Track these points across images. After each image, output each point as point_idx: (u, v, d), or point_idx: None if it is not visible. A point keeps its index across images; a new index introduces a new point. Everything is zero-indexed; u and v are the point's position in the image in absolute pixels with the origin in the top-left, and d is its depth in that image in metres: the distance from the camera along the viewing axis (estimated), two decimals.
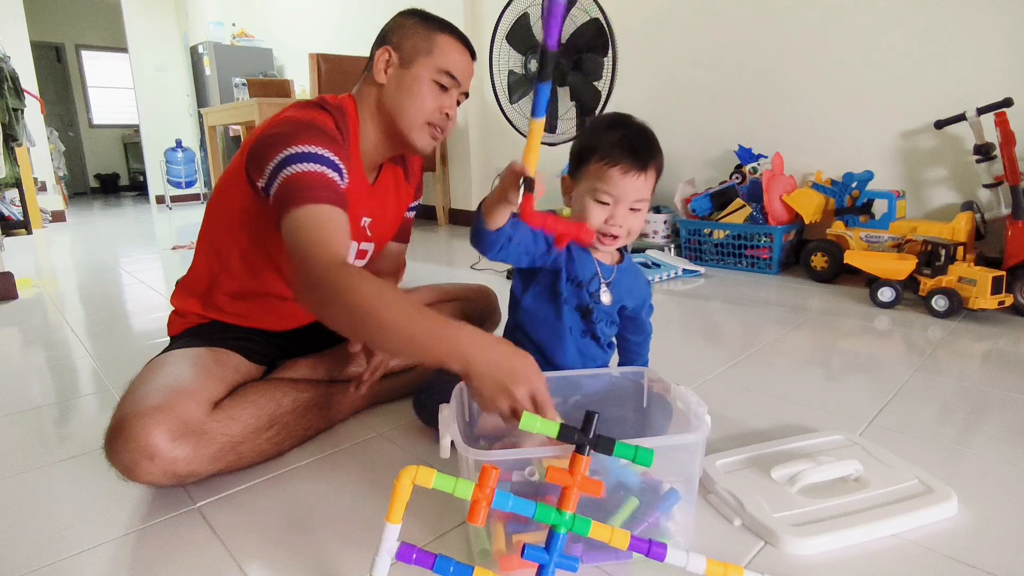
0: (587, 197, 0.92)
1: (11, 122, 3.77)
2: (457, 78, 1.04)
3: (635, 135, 0.91)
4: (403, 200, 1.22)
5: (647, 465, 0.63)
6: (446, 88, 1.04)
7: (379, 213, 1.14)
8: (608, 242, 0.93)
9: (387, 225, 1.19)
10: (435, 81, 1.03)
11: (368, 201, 1.10)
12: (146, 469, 0.81)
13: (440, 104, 1.04)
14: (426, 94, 1.03)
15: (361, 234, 1.10)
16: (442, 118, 1.06)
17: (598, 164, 0.90)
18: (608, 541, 0.62)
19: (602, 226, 0.92)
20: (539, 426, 0.64)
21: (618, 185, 0.89)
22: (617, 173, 0.89)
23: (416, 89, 1.03)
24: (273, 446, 0.98)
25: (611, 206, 0.91)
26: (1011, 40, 1.93)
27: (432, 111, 1.04)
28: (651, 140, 0.93)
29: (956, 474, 0.90)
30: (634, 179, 0.89)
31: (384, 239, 1.20)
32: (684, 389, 0.81)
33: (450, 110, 1.06)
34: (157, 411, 0.82)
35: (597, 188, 0.90)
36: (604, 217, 0.91)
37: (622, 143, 0.90)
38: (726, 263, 2.43)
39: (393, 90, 1.04)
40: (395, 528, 0.61)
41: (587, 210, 0.92)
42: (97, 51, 8.15)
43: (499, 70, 2.14)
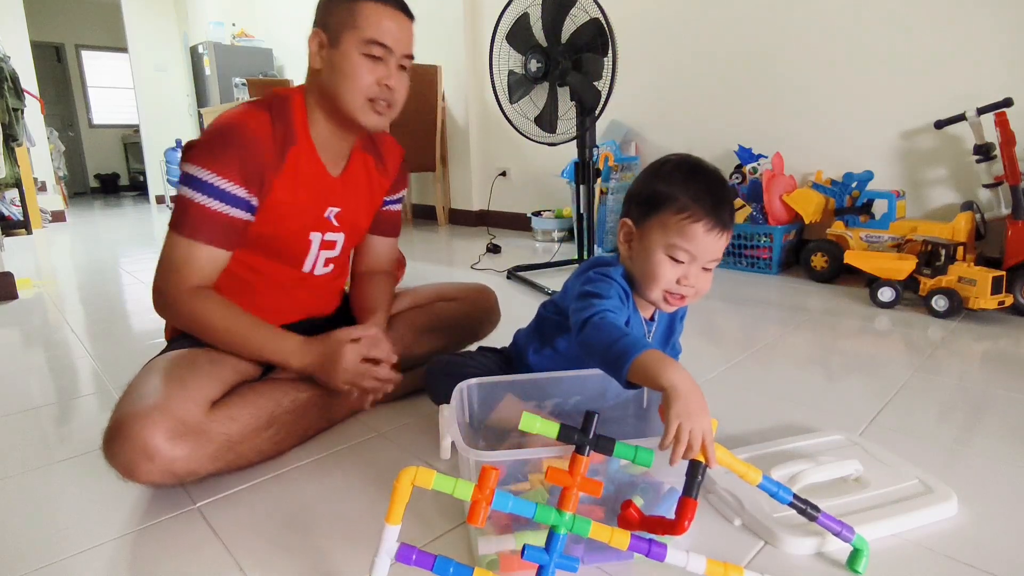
0: (659, 251, 0.83)
1: (11, 122, 3.77)
2: (388, 45, 0.97)
3: (719, 188, 0.83)
4: (377, 190, 1.17)
5: (647, 465, 0.64)
6: (379, 58, 0.97)
7: (349, 203, 1.10)
8: (675, 302, 0.85)
9: (360, 215, 1.15)
10: (365, 55, 0.96)
11: (332, 192, 1.07)
12: (145, 469, 0.81)
13: (376, 77, 0.97)
14: (358, 70, 0.97)
15: (325, 224, 1.08)
16: (383, 91, 0.99)
17: (678, 217, 0.81)
18: (608, 541, 0.62)
19: (672, 286, 0.84)
20: (539, 426, 0.64)
21: (700, 244, 0.81)
22: (701, 230, 0.81)
23: (347, 67, 0.97)
24: (273, 446, 0.98)
25: (686, 264, 0.83)
26: (1011, 40, 1.93)
27: (369, 87, 0.97)
28: (731, 194, 0.87)
29: (956, 474, 0.90)
30: (717, 238, 0.82)
31: (358, 229, 1.17)
32: None
33: (389, 81, 0.98)
34: (155, 411, 0.82)
35: (675, 244, 0.82)
36: (677, 276, 0.83)
37: (707, 197, 0.81)
38: (726, 263, 2.43)
39: (328, 73, 0.99)
40: (395, 529, 0.61)
41: (658, 265, 0.83)
42: (97, 51, 8.15)
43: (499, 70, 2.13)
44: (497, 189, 3.70)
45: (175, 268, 0.95)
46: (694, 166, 0.86)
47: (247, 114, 0.96)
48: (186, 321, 0.97)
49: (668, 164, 0.88)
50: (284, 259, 1.07)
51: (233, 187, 0.93)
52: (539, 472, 0.75)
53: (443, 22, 3.65)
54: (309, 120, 1.02)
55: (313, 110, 1.02)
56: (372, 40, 0.96)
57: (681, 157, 0.88)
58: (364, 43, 0.96)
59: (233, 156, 0.92)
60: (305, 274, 1.11)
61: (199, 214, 0.93)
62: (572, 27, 1.98)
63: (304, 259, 1.09)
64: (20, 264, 2.91)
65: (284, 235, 1.03)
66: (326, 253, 1.11)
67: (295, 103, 1.02)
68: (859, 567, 0.70)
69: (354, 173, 1.11)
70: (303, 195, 1.02)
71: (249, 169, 0.94)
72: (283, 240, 1.04)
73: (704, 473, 0.64)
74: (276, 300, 1.10)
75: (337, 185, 1.07)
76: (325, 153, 1.05)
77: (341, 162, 1.09)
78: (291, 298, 1.12)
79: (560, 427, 0.64)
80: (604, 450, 0.63)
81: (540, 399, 0.92)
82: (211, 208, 0.93)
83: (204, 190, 0.92)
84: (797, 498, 0.69)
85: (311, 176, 1.02)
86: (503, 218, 3.66)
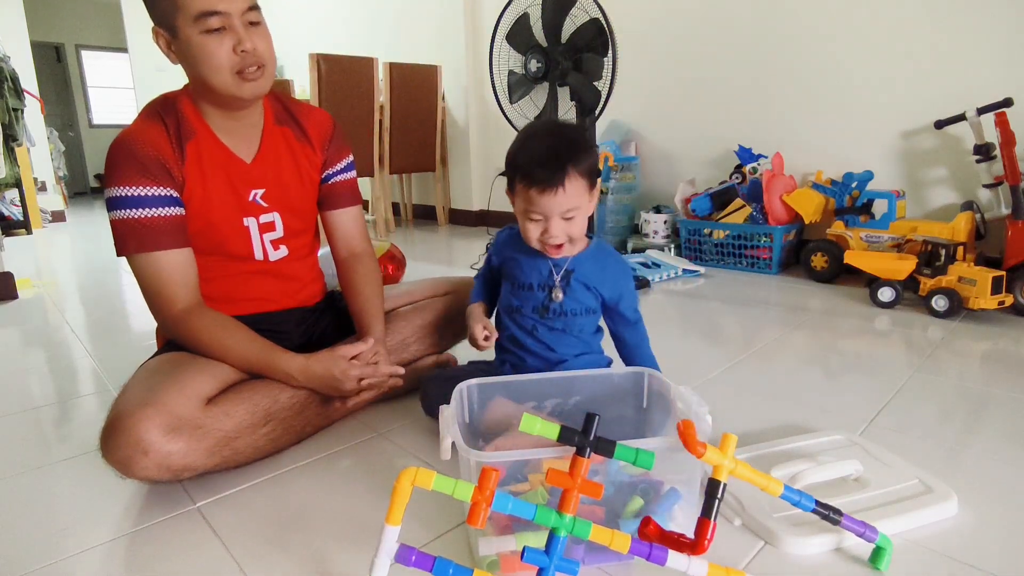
0: (521, 217, 0.96)
1: (11, 122, 3.77)
2: (220, 10, 0.90)
3: (546, 147, 0.91)
4: (304, 163, 1.11)
5: (648, 468, 0.63)
6: (221, 28, 0.91)
7: (271, 182, 1.07)
8: (554, 252, 0.96)
9: (290, 191, 1.10)
10: (204, 32, 0.91)
11: (248, 175, 1.04)
12: (141, 464, 0.81)
13: (228, 48, 0.92)
14: (206, 51, 0.91)
15: (254, 208, 1.05)
16: (244, 57, 0.93)
17: (520, 185, 0.93)
18: (609, 544, 0.62)
19: (542, 239, 0.95)
20: (539, 428, 0.64)
21: (540, 204, 0.91)
22: (535, 193, 0.90)
23: (195, 53, 0.92)
24: (269, 442, 0.98)
25: (543, 222, 0.93)
26: (1011, 40, 1.93)
27: (225, 61, 0.92)
28: (563, 148, 0.90)
29: (956, 474, 0.90)
30: (552, 195, 0.90)
31: (295, 204, 1.11)
32: (685, 389, 0.81)
33: (244, 45, 0.92)
34: (149, 407, 0.83)
35: (526, 209, 0.94)
36: (539, 232, 0.94)
37: (532, 161, 0.90)
38: (726, 263, 2.43)
39: (186, 66, 0.96)
40: (394, 530, 0.61)
41: (524, 228, 0.96)
42: (97, 51, 8.14)
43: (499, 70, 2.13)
44: (497, 189, 3.70)
45: (155, 292, 0.97)
46: (528, 132, 0.96)
47: (135, 125, 0.97)
48: (191, 345, 0.99)
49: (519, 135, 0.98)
50: (233, 252, 1.05)
51: (148, 190, 0.93)
52: (539, 472, 0.75)
53: (443, 22, 3.64)
54: (202, 112, 1.01)
55: (200, 103, 1.00)
56: (201, 13, 0.89)
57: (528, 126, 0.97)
58: (195, 20, 0.90)
59: (132, 165, 0.93)
60: (260, 262, 1.09)
61: (133, 227, 0.93)
62: (572, 27, 1.98)
63: (250, 247, 1.07)
64: (20, 264, 2.91)
65: (216, 225, 1.02)
66: (268, 235, 1.08)
67: (182, 101, 1.01)
68: (882, 565, 0.70)
69: (271, 151, 1.08)
70: (213, 182, 1.01)
71: (152, 170, 0.94)
72: (218, 230, 1.02)
73: (723, 493, 0.64)
74: (246, 292, 1.09)
75: (253, 169, 1.05)
76: (230, 138, 1.03)
77: (253, 143, 1.06)
78: (260, 287, 1.10)
79: (560, 429, 0.64)
80: (604, 452, 0.63)
81: (539, 399, 0.93)
82: (140, 217, 0.93)
83: (127, 205, 0.93)
84: (820, 504, 0.69)
85: (219, 164, 1.01)
86: (503, 218, 3.66)
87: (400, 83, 3.42)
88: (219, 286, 1.06)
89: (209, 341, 0.97)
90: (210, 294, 1.03)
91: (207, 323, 0.98)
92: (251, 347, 0.99)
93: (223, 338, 0.98)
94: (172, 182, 0.96)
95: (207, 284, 1.03)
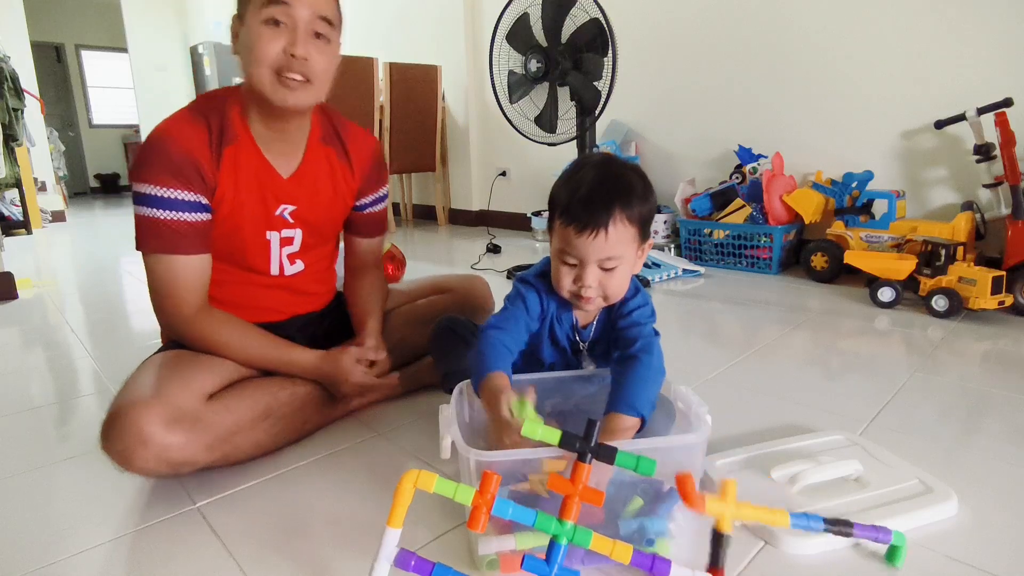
0: (556, 256, 0.84)
1: (11, 122, 3.77)
2: (288, 2, 0.87)
3: (594, 187, 0.79)
4: (342, 186, 1.09)
5: (649, 475, 0.62)
6: (279, 23, 0.88)
7: (304, 201, 1.04)
8: (583, 304, 0.84)
9: (320, 210, 1.07)
10: (265, 21, 0.87)
11: (282, 190, 1.02)
12: (141, 456, 0.81)
13: (279, 45, 0.88)
14: (258, 40, 0.88)
15: (279, 222, 1.03)
16: (288, 60, 0.89)
17: (559, 222, 0.81)
18: (609, 555, 0.61)
19: (572, 287, 0.83)
20: (540, 433, 0.63)
21: (576, 246, 0.79)
22: (572, 233, 0.79)
23: (250, 41, 0.89)
24: (270, 439, 0.98)
25: (577, 268, 0.81)
26: (1011, 40, 1.93)
27: (272, 57, 0.88)
28: (616, 188, 0.79)
29: (956, 474, 0.90)
30: (590, 239, 0.78)
31: (320, 225, 1.09)
32: (685, 389, 0.81)
33: (295, 49, 0.88)
34: (151, 399, 0.83)
35: (561, 248, 0.82)
36: (572, 278, 0.83)
37: (575, 196, 0.79)
38: (726, 263, 2.43)
39: (241, 55, 0.92)
40: (396, 532, 0.61)
41: (557, 271, 0.84)
42: (97, 51, 8.15)
43: (499, 70, 2.13)
44: (497, 189, 3.70)
45: (166, 292, 0.95)
46: (578, 166, 0.84)
47: (177, 121, 0.94)
48: (199, 345, 0.98)
49: (569, 165, 0.86)
50: (249, 263, 1.04)
51: (177, 193, 0.91)
52: (539, 473, 0.75)
53: (443, 22, 3.64)
54: (248, 118, 0.97)
55: (248, 105, 0.97)
56: (270, 1, 0.87)
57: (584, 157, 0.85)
58: (262, 7, 0.87)
59: (166, 165, 0.90)
60: (276, 276, 1.07)
61: (158, 228, 0.92)
62: (572, 27, 1.98)
63: (268, 260, 1.05)
64: (20, 264, 2.91)
65: (239, 234, 1.00)
66: (287, 250, 1.07)
67: (231, 101, 0.97)
68: (898, 562, 0.70)
69: (311, 169, 1.05)
70: (246, 193, 0.98)
71: (185, 172, 0.91)
72: (239, 239, 1.01)
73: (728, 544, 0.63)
74: (255, 302, 1.08)
75: (289, 184, 1.02)
76: (271, 150, 1.00)
77: (294, 158, 1.03)
78: (270, 299, 1.09)
79: (562, 434, 0.63)
80: (606, 458, 0.62)
81: (539, 399, 0.92)
82: (167, 219, 0.91)
83: (153, 204, 0.91)
84: (828, 521, 0.68)
85: (254, 174, 0.98)
86: (503, 218, 3.66)
87: (400, 83, 3.42)
88: (229, 291, 1.05)
89: (218, 340, 0.98)
90: (219, 297, 1.02)
91: (215, 323, 0.98)
92: (264, 344, 1.01)
93: (234, 337, 0.99)
94: (203, 186, 0.93)
95: (217, 288, 1.02)
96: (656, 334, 0.88)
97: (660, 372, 0.83)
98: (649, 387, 0.79)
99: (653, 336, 0.87)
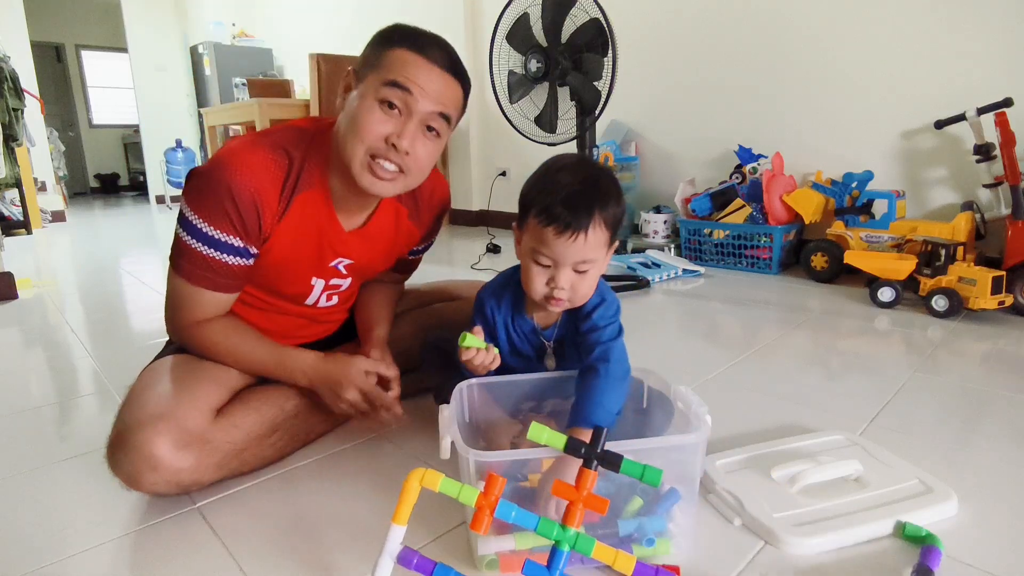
0: (527, 258, 0.83)
1: (11, 122, 3.76)
2: (410, 89, 0.81)
3: (575, 188, 0.78)
4: (403, 240, 1.06)
5: (655, 484, 0.61)
6: (394, 107, 0.82)
7: (364, 256, 1.01)
8: (555, 304, 0.84)
9: (376, 264, 1.06)
10: (380, 100, 0.82)
11: (343, 244, 0.97)
12: (150, 480, 0.80)
13: (385, 130, 0.82)
14: (365, 117, 0.82)
15: (331, 272, 1.00)
16: (389, 150, 0.83)
17: (535, 221, 0.80)
18: (612, 565, 0.61)
19: (544, 289, 0.83)
20: (546, 437, 0.63)
21: (553, 248, 0.79)
22: (551, 234, 0.78)
23: (356, 112, 0.83)
24: (276, 451, 0.97)
25: (551, 269, 0.81)
26: (1011, 40, 1.93)
27: (372, 140, 0.82)
28: (593, 190, 0.79)
29: (956, 474, 0.90)
30: (569, 241, 0.78)
31: (367, 274, 1.09)
32: (684, 389, 0.81)
33: (400, 140, 0.82)
34: (160, 421, 0.81)
35: (535, 248, 0.81)
36: (545, 279, 0.82)
37: (557, 198, 0.78)
38: (726, 263, 2.43)
39: (342, 118, 0.87)
40: (400, 529, 0.61)
41: (528, 271, 0.83)
42: (97, 51, 8.15)
43: (499, 70, 2.13)
44: (497, 189, 3.70)
45: (179, 306, 0.92)
46: (559, 165, 0.83)
47: (255, 149, 0.85)
48: (198, 351, 0.96)
49: (542, 166, 0.85)
50: (286, 296, 1.02)
51: (226, 237, 0.85)
52: (538, 472, 0.75)
53: (443, 22, 3.64)
54: (330, 170, 0.91)
55: (333, 160, 0.90)
56: (390, 81, 0.81)
57: (556, 158, 0.84)
58: (381, 85, 0.81)
59: (226, 208, 0.82)
60: (307, 307, 1.06)
61: (195, 259, 0.86)
62: (572, 27, 1.98)
63: (307, 297, 1.03)
64: (20, 264, 2.91)
65: (283, 275, 0.97)
66: (330, 292, 1.05)
67: (320, 145, 0.90)
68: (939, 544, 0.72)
69: (377, 227, 1.00)
70: (303, 242, 0.92)
71: (245, 221, 0.84)
72: (282, 279, 0.98)
73: None
74: (274, 327, 1.05)
75: (349, 239, 0.97)
76: (341, 205, 0.94)
77: (361, 215, 0.98)
78: (290, 326, 1.08)
79: (567, 440, 0.63)
80: (611, 466, 0.62)
81: (538, 399, 0.93)
82: (207, 255, 0.86)
83: (198, 237, 0.85)
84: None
85: (318, 226, 0.93)
86: (503, 218, 3.66)
87: None
88: (251, 313, 1.02)
89: (217, 348, 0.95)
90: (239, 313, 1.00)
91: (216, 330, 0.95)
92: (261, 349, 0.96)
93: (233, 344, 0.95)
94: (258, 236, 0.87)
95: (240, 306, 0.99)
96: (620, 333, 0.87)
97: (620, 377, 0.82)
98: (608, 397, 0.79)
99: (613, 340, 0.85)
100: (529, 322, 0.91)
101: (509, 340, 0.93)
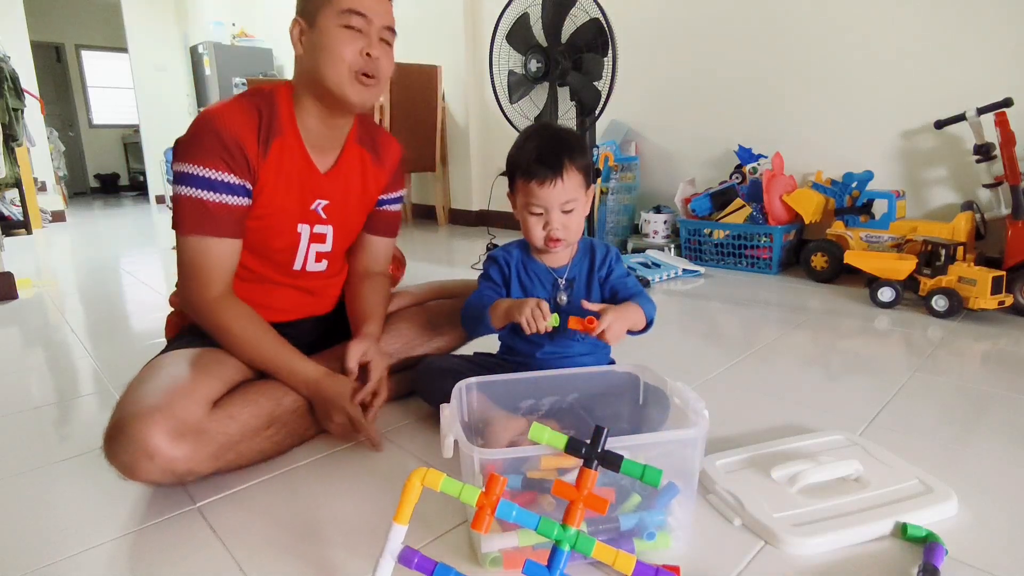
0: (523, 212, 1.01)
1: (11, 122, 3.77)
2: (365, 13, 0.95)
3: (543, 144, 0.97)
4: (371, 185, 1.15)
5: (655, 485, 0.61)
6: (358, 29, 0.96)
7: (338, 197, 1.09)
8: (553, 245, 1.01)
9: (350, 209, 1.13)
10: (343, 26, 0.95)
11: (319, 185, 1.06)
12: (146, 468, 0.81)
13: (357, 47, 0.96)
14: (338, 43, 0.95)
15: (313, 217, 1.07)
16: (366, 62, 0.97)
17: (521, 181, 0.99)
18: (612, 564, 0.61)
19: (542, 233, 1.00)
20: (547, 438, 0.63)
21: (541, 196, 0.97)
22: (535, 186, 0.96)
23: (327, 42, 0.95)
24: (273, 445, 0.98)
25: (544, 215, 0.98)
26: (1011, 40, 1.93)
27: (351, 58, 0.96)
28: (560, 145, 0.97)
29: (956, 474, 0.90)
30: (551, 187, 0.96)
31: (349, 223, 1.15)
32: (681, 385, 0.81)
33: (371, 50, 0.97)
34: (156, 411, 0.82)
35: (528, 203, 0.99)
36: (542, 225, 0.99)
37: (533, 156, 0.96)
38: (726, 263, 2.43)
39: (309, 55, 0.98)
40: (402, 529, 0.61)
41: (526, 224, 1.01)
42: (97, 51, 8.14)
43: (499, 70, 2.14)
44: (497, 189, 3.69)
45: (193, 274, 0.97)
46: (527, 133, 1.02)
47: (230, 105, 0.97)
48: (212, 330, 0.99)
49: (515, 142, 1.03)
50: (274, 255, 1.07)
51: (222, 175, 0.94)
52: (539, 471, 0.75)
53: (443, 22, 3.65)
54: (297, 112, 1.02)
55: (300, 100, 1.01)
56: (348, 9, 0.95)
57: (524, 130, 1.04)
58: (340, 14, 0.95)
59: (216, 146, 0.93)
60: (297, 272, 1.10)
61: (197, 208, 0.94)
62: (572, 27, 1.98)
63: (295, 254, 1.08)
64: (20, 264, 2.91)
65: (272, 224, 1.03)
66: (316, 247, 1.10)
67: (280, 95, 1.01)
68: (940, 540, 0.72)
69: (346, 166, 1.10)
70: (286, 187, 1.02)
71: (234, 156, 0.94)
72: (271, 229, 1.03)
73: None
74: (269, 301, 1.09)
75: (325, 180, 1.07)
76: (314, 146, 1.04)
77: (332, 155, 1.08)
78: (284, 299, 1.12)
79: (568, 440, 0.63)
80: (611, 466, 0.62)
81: (537, 396, 0.93)
82: (207, 200, 0.93)
83: (196, 184, 0.93)
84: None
85: (296, 168, 1.02)
86: (503, 218, 3.66)
87: (400, 83, 3.42)
88: (245, 288, 1.05)
89: (234, 333, 0.98)
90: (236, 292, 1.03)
91: (236, 315, 0.99)
92: (276, 349, 1.00)
93: (248, 331, 0.99)
94: (248, 173, 0.96)
95: (237, 283, 1.03)
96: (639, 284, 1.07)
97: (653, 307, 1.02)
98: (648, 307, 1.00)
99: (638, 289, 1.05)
100: (541, 264, 1.07)
101: (521, 284, 1.07)
